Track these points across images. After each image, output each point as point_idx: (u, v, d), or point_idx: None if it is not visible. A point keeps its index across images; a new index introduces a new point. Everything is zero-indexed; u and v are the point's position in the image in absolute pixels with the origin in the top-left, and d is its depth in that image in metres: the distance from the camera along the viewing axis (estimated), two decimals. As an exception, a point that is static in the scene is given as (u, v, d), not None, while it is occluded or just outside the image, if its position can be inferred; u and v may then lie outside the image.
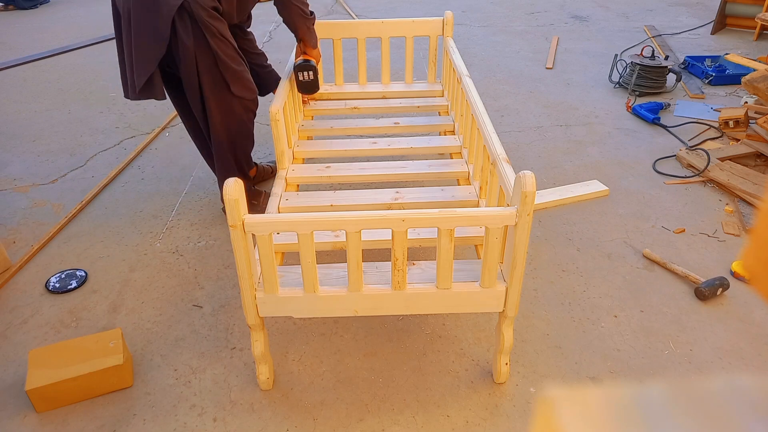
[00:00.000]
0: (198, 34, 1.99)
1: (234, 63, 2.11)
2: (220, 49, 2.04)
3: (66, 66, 4.43)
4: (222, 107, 2.17)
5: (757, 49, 4.50)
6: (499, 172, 1.64)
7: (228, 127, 2.23)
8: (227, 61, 2.07)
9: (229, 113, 2.20)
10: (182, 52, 2.00)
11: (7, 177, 2.94)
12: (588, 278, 2.19)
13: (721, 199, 2.65)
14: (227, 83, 2.11)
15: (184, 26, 1.97)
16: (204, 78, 2.08)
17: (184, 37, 1.97)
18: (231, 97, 2.16)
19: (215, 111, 2.17)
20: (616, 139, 3.22)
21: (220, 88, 2.12)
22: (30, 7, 6.04)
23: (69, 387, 1.67)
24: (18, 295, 2.14)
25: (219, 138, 2.25)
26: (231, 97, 2.16)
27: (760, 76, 2.95)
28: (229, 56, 2.08)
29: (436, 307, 1.60)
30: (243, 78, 2.16)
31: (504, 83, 3.98)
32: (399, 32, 2.73)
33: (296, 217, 1.42)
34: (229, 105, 2.18)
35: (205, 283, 2.19)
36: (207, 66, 2.06)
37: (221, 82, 2.11)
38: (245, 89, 2.19)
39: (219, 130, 2.23)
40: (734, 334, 1.93)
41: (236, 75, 2.12)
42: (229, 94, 2.14)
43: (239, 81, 2.14)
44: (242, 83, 2.16)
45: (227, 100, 2.16)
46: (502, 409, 1.68)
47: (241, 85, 2.16)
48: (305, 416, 1.67)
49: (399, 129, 2.58)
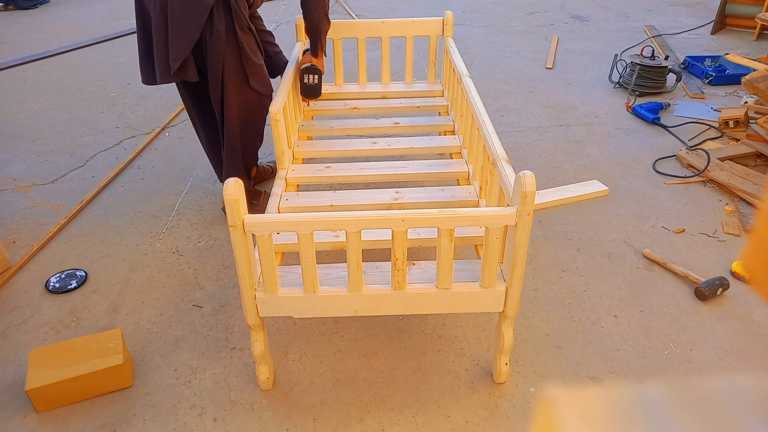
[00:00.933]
0: (230, 25, 2.07)
1: (255, 57, 2.18)
2: (245, 41, 2.12)
3: (66, 66, 4.43)
4: (240, 100, 2.23)
5: (757, 49, 4.50)
6: (499, 172, 1.64)
7: (243, 120, 2.28)
8: (250, 54, 2.15)
9: (245, 107, 2.26)
10: (214, 39, 2.07)
11: (7, 177, 2.94)
12: (588, 278, 2.19)
13: (721, 199, 2.65)
14: (247, 76, 2.18)
15: (219, 15, 2.04)
16: (227, 69, 2.14)
17: (218, 25, 2.05)
18: (249, 91, 2.22)
19: (233, 103, 2.22)
20: (616, 139, 3.22)
21: (240, 81, 2.18)
22: (30, 7, 6.04)
23: (69, 387, 1.67)
24: (18, 295, 2.14)
25: (232, 131, 2.29)
26: (249, 91, 2.22)
27: (760, 76, 2.95)
28: (252, 49, 2.16)
29: (436, 307, 1.60)
30: (261, 73, 2.24)
31: (504, 83, 3.98)
32: (399, 32, 2.73)
33: (296, 217, 1.42)
34: (246, 98, 2.24)
35: (205, 283, 2.19)
36: (231, 56, 2.12)
37: (242, 75, 2.17)
38: (263, 84, 2.25)
39: (234, 123, 2.27)
40: (734, 334, 1.93)
41: (256, 69, 2.20)
42: (248, 87, 2.21)
43: (258, 75, 2.21)
44: (260, 78, 2.23)
45: (245, 93, 2.22)
46: (502, 409, 1.68)
47: (259, 80, 2.23)
48: (305, 416, 1.67)
49: (399, 129, 2.58)
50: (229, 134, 2.29)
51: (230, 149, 2.34)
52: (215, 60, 2.11)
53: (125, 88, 3.98)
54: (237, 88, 2.18)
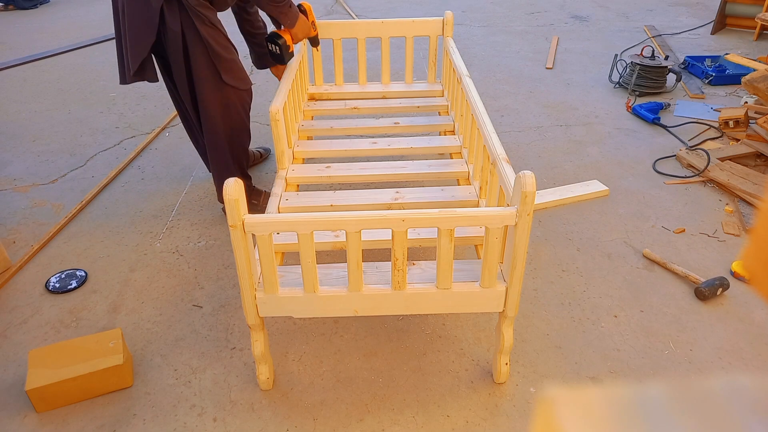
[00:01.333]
0: (187, 22, 2.03)
1: (225, 51, 2.13)
2: (211, 37, 2.07)
3: (66, 66, 4.43)
4: (215, 97, 2.18)
5: (757, 49, 4.50)
6: (499, 172, 1.64)
7: (223, 118, 2.24)
8: (218, 49, 2.09)
9: (222, 104, 2.21)
10: (170, 38, 2.05)
11: (7, 177, 2.94)
12: (588, 278, 2.19)
13: (721, 199, 2.65)
14: (219, 72, 2.13)
15: (172, 14, 2.01)
16: (195, 66, 2.10)
17: (172, 24, 2.02)
18: (224, 87, 2.17)
19: (209, 101, 2.18)
20: (616, 139, 3.22)
21: (213, 77, 2.14)
22: (30, 7, 6.04)
23: (69, 387, 1.67)
24: (18, 295, 2.14)
25: (214, 130, 2.25)
26: (224, 87, 2.17)
27: (760, 76, 2.95)
28: (221, 44, 2.10)
29: (436, 307, 1.60)
30: (235, 67, 2.18)
31: (504, 83, 3.98)
32: (399, 32, 2.73)
33: (296, 217, 1.42)
34: (222, 95, 2.19)
35: (205, 283, 2.19)
36: (198, 54, 2.08)
37: (214, 71, 2.13)
38: (238, 79, 2.20)
39: (214, 123, 2.23)
40: (734, 334, 1.93)
41: (227, 64, 2.14)
42: (222, 83, 2.16)
43: (231, 70, 2.16)
44: (234, 72, 2.18)
45: (220, 89, 2.17)
46: (502, 409, 1.68)
47: (233, 75, 2.18)
48: (305, 416, 1.67)
49: (399, 129, 2.58)
50: (210, 135, 2.26)
51: (215, 150, 2.31)
52: (176, 59, 2.09)
53: (125, 88, 3.98)
54: (211, 85, 2.15)
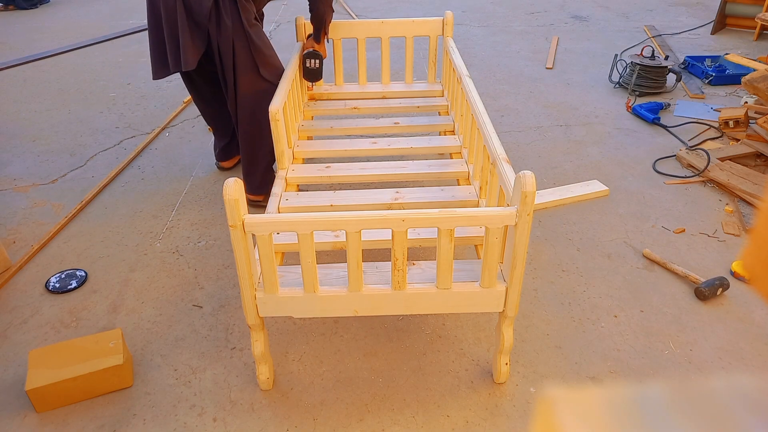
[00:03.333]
0: (236, 18, 2.16)
1: (265, 47, 2.27)
2: (254, 33, 2.21)
3: (66, 66, 4.43)
4: (252, 90, 2.30)
5: (757, 49, 4.50)
6: (499, 172, 1.64)
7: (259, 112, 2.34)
8: (259, 45, 2.23)
9: (259, 97, 2.31)
10: (223, 32, 2.16)
11: (7, 177, 2.94)
12: (588, 278, 2.19)
13: (721, 199, 2.65)
14: (257, 66, 2.25)
15: (226, 10, 2.14)
16: (238, 59, 2.22)
17: (226, 18, 2.15)
18: (261, 81, 2.29)
19: (246, 93, 2.29)
20: (616, 139, 3.22)
21: (252, 71, 2.26)
22: (30, 7, 6.04)
23: (69, 387, 1.67)
24: (18, 295, 2.14)
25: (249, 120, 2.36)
26: (261, 81, 2.29)
27: (760, 76, 2.95)
28: (261, 40, 2.25)
29: (436, 307, 1.59)
30: (273, 63, 2.32)
31: (504, 83, 3.98)
32: (399, 32, 2.73)
33: (296, 217, 1.42)
34: (260, 88, 2.30)
35: (205, 283, 2.19)
36: (241, 48, 2.21)
37: (253, 65, 2.25)
38: (275, 75, 2.33)
39: (249, 113, 2.34)
40: (734, 334, 1.93)
41: (266, 59, 2.28)
42: (259, 77, 2.28)
43: (268, 65, 2.29)
44: (272, 68, 2.31)
45: (258, 84, 2.29)
46: (502, 409, 1.68)
47: (271, 70, 2.31)
48: (305, 416, 1.67)
49: (399, 129, 2.58)
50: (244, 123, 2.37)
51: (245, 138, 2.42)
52: (226, 53, 2.20)
53: (125, 88, 3.98)
54: (249, 78, 2.27)
